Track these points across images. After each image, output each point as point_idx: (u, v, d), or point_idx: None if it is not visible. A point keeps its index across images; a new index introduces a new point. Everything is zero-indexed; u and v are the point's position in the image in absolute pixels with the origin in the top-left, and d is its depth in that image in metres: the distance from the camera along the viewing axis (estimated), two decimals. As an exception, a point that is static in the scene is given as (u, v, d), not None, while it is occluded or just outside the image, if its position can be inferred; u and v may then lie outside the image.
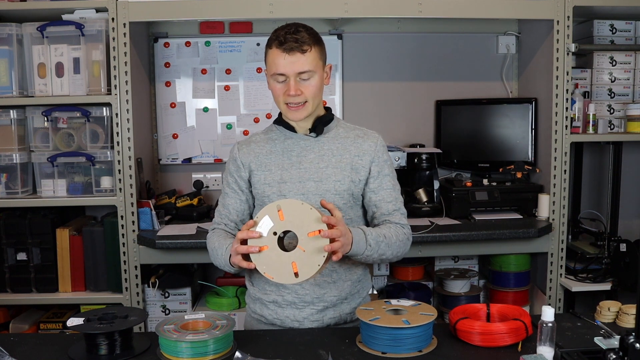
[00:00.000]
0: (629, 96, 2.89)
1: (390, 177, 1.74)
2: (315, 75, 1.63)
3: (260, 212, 1.50)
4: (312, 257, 1.46)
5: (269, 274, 1.48)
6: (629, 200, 3.09)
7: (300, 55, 1.59)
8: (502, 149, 3.03)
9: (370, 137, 1.74)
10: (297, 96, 1.62)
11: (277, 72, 1.61)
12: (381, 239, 1.60)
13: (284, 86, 1.62)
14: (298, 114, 1.65)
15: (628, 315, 1.62)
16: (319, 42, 1.66)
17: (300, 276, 1.46)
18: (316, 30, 1.67)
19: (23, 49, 2.63)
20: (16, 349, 1.53)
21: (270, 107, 3.11)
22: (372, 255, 1.60)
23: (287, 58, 1.59)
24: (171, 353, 1.42)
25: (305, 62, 1.60)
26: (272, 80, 1.64)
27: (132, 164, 2.63)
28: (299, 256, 1.46)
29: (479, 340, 1.50)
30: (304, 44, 1.60)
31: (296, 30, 1.60)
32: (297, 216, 1.47)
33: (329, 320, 1.71)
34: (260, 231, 1.48)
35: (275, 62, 1.61)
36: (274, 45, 1.61)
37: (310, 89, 1.63)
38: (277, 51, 1.60)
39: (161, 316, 2.80)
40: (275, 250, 1.48)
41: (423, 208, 2.85)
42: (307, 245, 1.45)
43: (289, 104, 1.63)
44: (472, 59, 3.17)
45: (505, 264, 2.89)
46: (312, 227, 1.46)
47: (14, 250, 2.70)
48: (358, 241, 1.55)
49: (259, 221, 1.49)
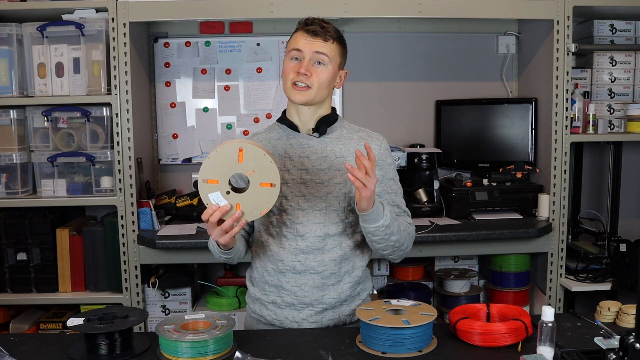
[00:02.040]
0: (629, 96, 2.89)
1: (394, 180, 1.73)
2: (329, 65, 1.65)
3: (222, 146, 1.47)
4: (256, 204, 1.48)
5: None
6: (629, 200, 3.09)
7: (321, 40, 1.63)
8: (502, 149, 3.03)
9: (374, 140, 1.73)
10: (305, 76, 1.62)
11: (295, 47, 1.64)
12: (394, 220, 1.59)
13: (296, 64, 1.64)
14: (300, 96, 1.65)
15: (628, 315, 1.62)
16: (342, 43, 1.69)
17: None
18: None
19: (23, 49, 2.63)
20: (16, 349, 1.53)
21: (270, 107, 3.11)
22: (384, 231, 1.56)
23: (309, 39, 1.63)
24: (171, 353, 1.42)
25: (324, 47, 1.63)
26: (287, 59, 1.67)
27: (132, 164, 2.63)
28: (244, 200, 1.48)
29: (479, 340, 1.50)
30: (328, 34, 1.64)
31: (325, 22, 1.66)
32: (256, 164, 1.46)
33: (328, 322, 1.71)
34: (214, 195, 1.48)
35: (296, 39, 1.65)
36: (299, 27, 1.66)
37: (320, 75, 1.64)
38: (301, 32, 1.65)
39: (161, 316, 2.80)
40: (225, 187, 1.48)
41: (423, 208, 2.85)
42: (255, 193, 1.47)
43: (296, 83, 1.64)
44: (472, 59, 3.18)
45: (505, 264, 2.90)
46: (265, 177, 1.46)
47: (14, 250, 2.70)
48: (377, 205, 1.53)
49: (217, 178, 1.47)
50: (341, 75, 1.72)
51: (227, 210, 1.47)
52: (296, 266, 1.68)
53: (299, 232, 1.67)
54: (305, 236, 1.67)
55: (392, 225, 1.58)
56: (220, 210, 1.47)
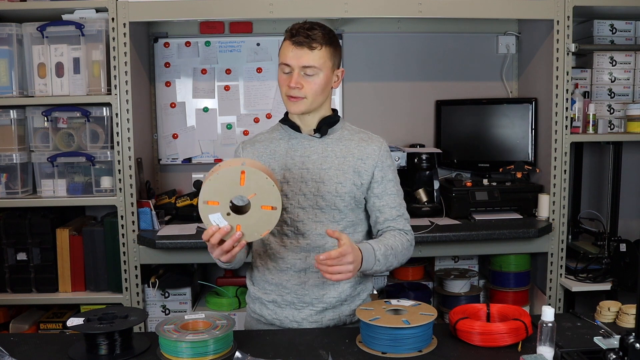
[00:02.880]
0: (629, 96, 2.89)
1: (394, 182, 1.74)
2: (320, 73, 1.64)
3: (223, 168, 1.47)
4: (256, 226, 1.49)
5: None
6: (629, 200, 3.09)
7: (307, 50, 1.62)
8: (502, 149, 3.03)
9: (374, 142, 1.74)
10: (296, 89, 1.63)
11: (284, 62, 1.65)
12: (389, 252, 1.62)
13: (288, 77, 1.65)
14: (295, 107, 1.66)
15: (628, 315, 1.62)
16: (332, 44, 1.67)
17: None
18: (334, 33, 1.69)
19: (23, 49, 2.63)
20: (16, 349, 1.53)
21: (270, 107, 3.11)
22: (380, 269, 1.64)
23: (295, 51, 1.62)
24: (171, 353, 1.42)
25: (310, 58, 1.62)
26: (279, 71, 1.68)
27: (132, 164, 2.63)
28: (245, 221, 1.48)
29: (479, 340, 1.50)
30: (314, 42, 1.62)
31: (310, 27, 1.63)
32: (258, 187, 1.46)
33: (328, 321, 1.71)
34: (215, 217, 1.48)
35: (284, 52, 1.65)
36: (286, 37, 1.65)
37: (312, 86, 1.64)
38: (288, 43, 1.64)
39: (161, 316, 2.80)
40: (226, 209, 1.48)
41: (423, 208, 2.85)
42: (256, 215, 1.47)
43: (289, 95, 1.65)
44: (472, 59, 3.17)
45: (505, 264, 2.89)
46: (267, 201, 1.47)
47: (14, 250, 2.70)
48: (367, 257, 1.57)
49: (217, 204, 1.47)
50: (338, 75, 1.71)
51: (227, 232, 1.48)
52: (297, 264, 1.69)
53: (300, 231, 1.68)
54: (306, 234, 1.68)
55: (388, 258, 1.63)
56: (220, 231, 1.47)
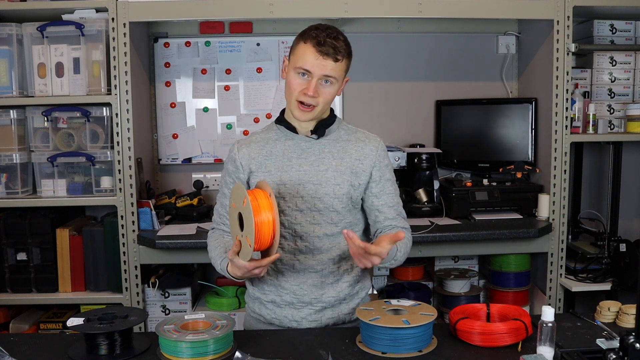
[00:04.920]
0: (629, 96, 2.88)
1: (391, 181, 1.75)
2: (336, 84, 1.63)
3: (236, 198, 1.54)
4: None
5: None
6: (629, 200, 3.09)
7: (332, 62, 1.59)
8: (502, 149, 3.03)
9: (371, 141, 1.73)
10: (312, 98, 1.61)
11: (304, 67, 1.59)
12: (402, 251, 1.66)
13: (304, 83, 1.61)
14: (305, 115, 1.64)
15: (628, 315, 1.62)
16: (350, 56, 1.66)
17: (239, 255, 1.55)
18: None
19: (23, 49, 2.63)
20: (16, 349, 1.53)
21: (270, 107, 3.11)
22: (393, 265, 1.68)
23: (320, 59, 1.58)
24: (171, 353, 1.42)
25: (333, 69, 1.60)
26: (293, 72, 1.62)
27: (132, 164, 2.63)
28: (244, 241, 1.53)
29: (479, 340, 1.50)
30: (339, 54, 1.60)
31: (337, 37, 1.60)
32: (248, 225, 1.49)
33: (327, 320, 1.71)
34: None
35: (305, 57, 1.59)
36: (309, 42, 1.59)
37: (326, 95, 1.63)
38: (312, 49, 1.58)
39: (161, 316, 2.80)
40: (235, 225, 1.56)
41: (423, 208, 2.85)
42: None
43: (301, 102, 1.62)
44: (472, 59, 3.17)
45: (505, 264, 2.89)
46: (250, 238, 1.50)
47: (14, 250, 2.70)
48: (389, 256, 1.58)
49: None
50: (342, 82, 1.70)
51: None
52: (295, 265, 1.68)
53: (298, 233, 1.67)
54: (303, 237, 1.67)
55: (400, 258, 1.67)
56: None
